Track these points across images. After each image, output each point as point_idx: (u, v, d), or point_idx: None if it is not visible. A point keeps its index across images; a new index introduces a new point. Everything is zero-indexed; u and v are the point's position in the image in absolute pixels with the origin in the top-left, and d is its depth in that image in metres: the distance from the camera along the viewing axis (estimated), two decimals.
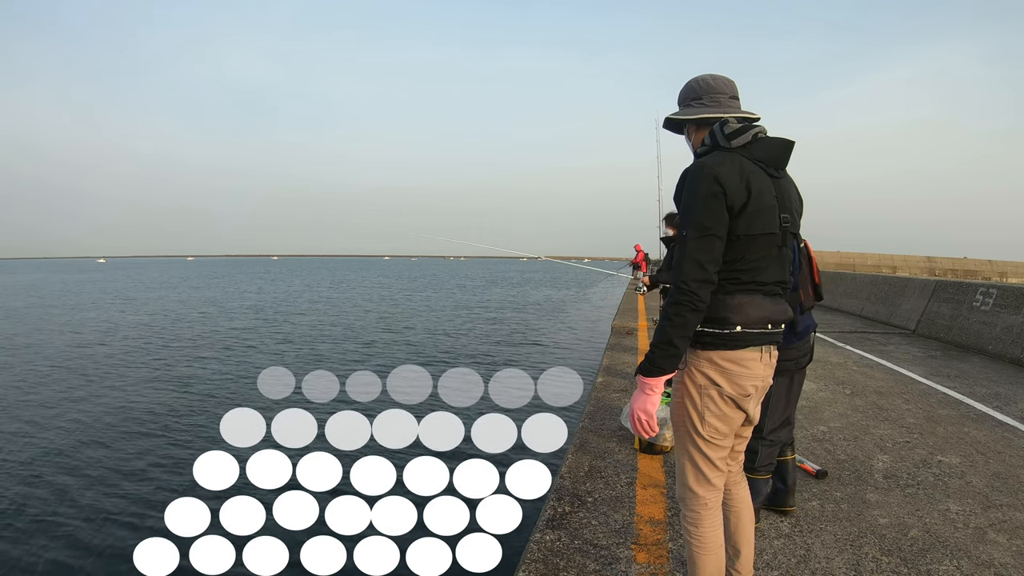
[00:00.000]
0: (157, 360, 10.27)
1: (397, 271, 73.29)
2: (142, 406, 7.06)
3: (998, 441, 3.57)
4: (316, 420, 2.20)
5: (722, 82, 1.60)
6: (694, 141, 1.65)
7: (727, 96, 1.59)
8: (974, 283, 7.91)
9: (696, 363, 1.51)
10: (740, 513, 1.71)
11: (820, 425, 3.87)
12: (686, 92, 1.64)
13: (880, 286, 10.55)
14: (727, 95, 1.59)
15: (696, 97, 1.61)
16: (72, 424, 6.33)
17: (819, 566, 2.11)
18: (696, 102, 1.61)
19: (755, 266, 1.47)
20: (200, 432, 6.02)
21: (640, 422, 1.52)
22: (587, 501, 2.67)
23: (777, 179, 1.53)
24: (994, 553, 2.21)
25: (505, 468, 2.11)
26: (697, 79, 1.62)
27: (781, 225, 1.50)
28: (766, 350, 1.52)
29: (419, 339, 13.09)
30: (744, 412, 1.54)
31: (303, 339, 13.06)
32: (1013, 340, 6.42)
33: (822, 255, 28.79)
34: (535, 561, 2.15)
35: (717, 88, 1.59)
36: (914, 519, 2.50)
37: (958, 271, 28.79)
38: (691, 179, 1.47)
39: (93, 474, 4.91)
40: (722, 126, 1.51)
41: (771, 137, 1.54)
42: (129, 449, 5.52)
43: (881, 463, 3.17)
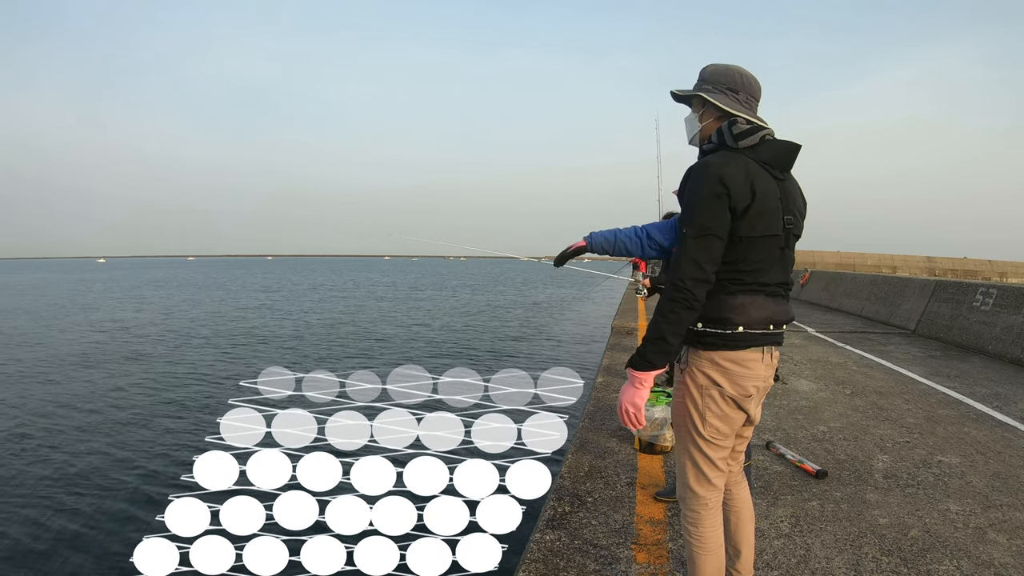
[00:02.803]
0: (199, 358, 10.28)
1: (399, 271, 73.25)
2: (167, 404, 7.06)
3: (998, 441, 3.57)
4: (316, 420, 2.20)
5: (758, 86, 1.56)
6: (705, 128, 1.58)
7: (757, 102, 1.56)
8: (974, 283, 7.91)
9: (698, 363, 1.51)
10: (740, 513, 1.71)
11: (820, 425, 3.87)
12: (724, 77, 1.54)
13: (880, 286, 10.55)
14: (757, 101, 1.56)
15: (733, 89, 1.53)
16: (86, 424, 6.33)
17: (819, 566, 2.11)
18: (732, 93, 1.53)
19: (758, 267, 1.47)
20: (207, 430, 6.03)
21: (628, 414, 1.51)
22: (587, 501, 2.67)
23: (782, 181, 1.52)
24: (994, 553, 2.21)
25: (505, 468, 2.11)
26: (741, 71, 1.54)
27: (784, 227, 1.49)
28: (768, 351, 1.51)
29: (422, 338, 13.10)
30: (745, 412, 1.54)
31: (315, 338, 13.07)
32: (1013, 340, 6.41)
33: (822, 255, 28.78)
34: (535, 561, 2.15)
35: (754, 91, 1.55)
36: (914, 519, 2.50)
37: (958, 271, 28.80)
38: (695, 178, 1.46)
39: (99, 470, 4.91)
40: (731, 125, 1.49)
41: (778, 140, 1.53)
42: (134, 447, 5.52)
43: (881, 463, 3.17)
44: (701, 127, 1.59)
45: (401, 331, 14.58)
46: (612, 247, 1.69)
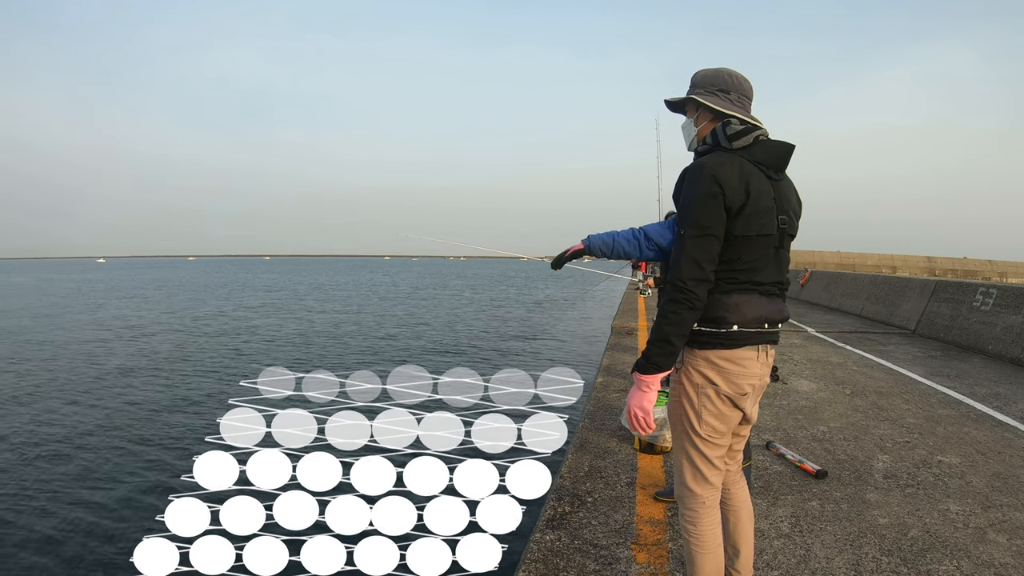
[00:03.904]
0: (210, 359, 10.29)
1: (402, 272, 73.29)
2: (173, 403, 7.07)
3: (998, 441, 3.57)
4: (316, 420, 2.21)
5: (749, 85, 1.57)
6: (700, 131, 1.59)
7: (749, 101, 1.57)
8: (974, 283, 7.91)
9: (693, 362, 1.51)
10: (739, 512, 1.71)
11: (820, 425, 3.87)
12: (714, 79, 1.56)
13: (880, 286, 10.55)
14: (749, 100, 1.57)
15: (724, 90, 1.54)
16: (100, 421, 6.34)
17: (819, 566, 2.11)
18: (723, 94, 1.54)
19: (752, 267, 1.47)
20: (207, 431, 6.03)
21: (636, 419, 1.52)
22: (587, 501, 2.67)
23: (777, 182, 1.53)
24: (994, 553, 2.21)
25: (505, 468, 2.11)
26: (730, 72, 1.56)
27: (779, 227, 1.50)
28: (763, 349, 1.52)
29: (424, 337, 13.11)
30: (741, 411, 1.54)
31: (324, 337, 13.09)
32: (1013, 340, 6.41)
33: (822, 255, 28.78)
34: (535, 561, 2.15)
35: (745, 90, 1.56)
36: (914, 519, 2.50)
37: (958, 271, 28.80)
38: (690, 179, 1.47)
39: (101, 470, 4.92)
40: (725, 126, 1.50)
41: (772, 140, 1.54)
42: (140, 445, 5.53)
43: (881, 463, 3.17)
44: (697, 131, 1.60)
45: (404, 330, 14.59)
46: (610, 250, 1.71)
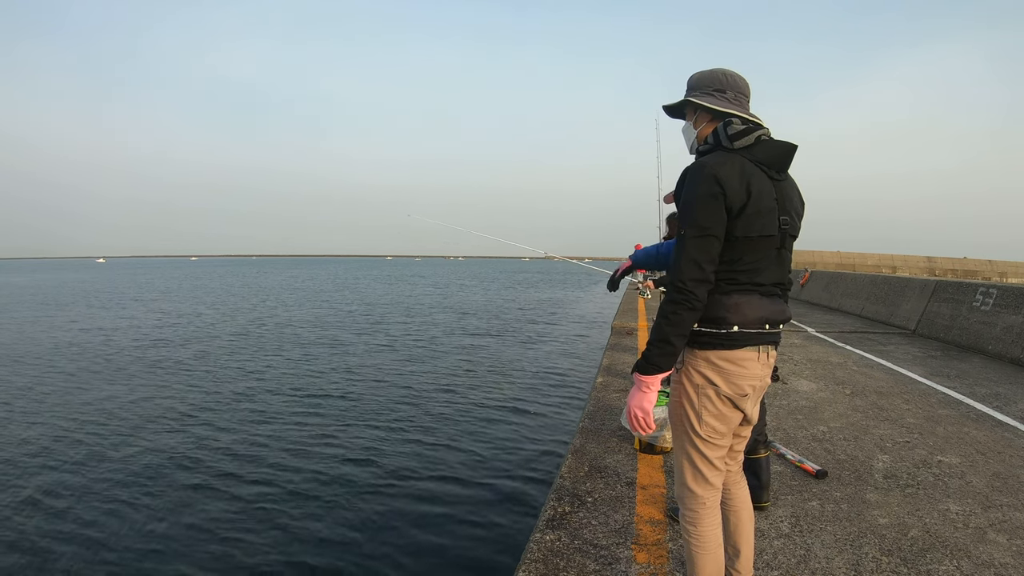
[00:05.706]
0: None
1: (404, 271, 73.26)
2: None
3: (998, 441, 3.57)
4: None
5: (745, 83, 1.57)
6: (700, 132, 1.59)
7: (746, 99, 1.57)
8: (974, 283, 7.91)
9: (693, 363, 1.51)
10: (740, 513, 1.71)
11: (820, 425, 3.86)
12: (709, 80, 1.56)
13: (880, 286, 10.54)
14: (747, 97, 1.57)
15: (720, 89, 1.54)
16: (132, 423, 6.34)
17: (819, 566, 2.11)
18: (719, 93, 1.54)
19: (753, 267, 1.47)
20: None
21: (637, 419, 1.52)
22: (587, 501, 2.67)
23: (779, 182, 1.52)
24: (994, 553, 2.21)
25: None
26: (724, 71, 1.56)
27: (780, 227, 1.49)
28: (764, 350, 1.52)
29: (426, 335, 13.11)
30: (742, 412, 1.54)
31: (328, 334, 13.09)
32: (1013, 340, 6.41)
33: (822, 255, 28.78)
34: (535, 561, 2.15)
35: (742, 88, 1.56)
36: (914, 519, 2.50)
37: (958, 271, 28.79)
38: (691, 178, 1.47)
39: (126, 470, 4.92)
40: (726, 126, 1.49)
41: (774, 140, 1.53)
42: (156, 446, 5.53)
43: (881, 463, 3.17)
44: (697, 133, 1.60)
45: (407, 330, 14.60)
46: (655, 260, 1.90)
